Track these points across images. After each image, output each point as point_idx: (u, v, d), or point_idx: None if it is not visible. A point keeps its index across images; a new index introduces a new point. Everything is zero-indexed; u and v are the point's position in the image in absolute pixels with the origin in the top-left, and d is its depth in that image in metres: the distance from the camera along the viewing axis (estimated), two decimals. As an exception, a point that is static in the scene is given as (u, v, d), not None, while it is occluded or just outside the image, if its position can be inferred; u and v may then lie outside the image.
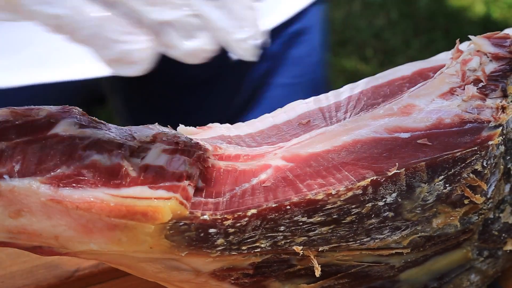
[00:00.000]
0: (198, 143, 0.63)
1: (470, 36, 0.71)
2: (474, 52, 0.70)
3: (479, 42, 0.70)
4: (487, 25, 2.81)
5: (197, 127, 0.70)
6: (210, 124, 0.71)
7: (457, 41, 0.73)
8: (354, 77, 2.68)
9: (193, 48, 0.55)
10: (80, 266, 0.79)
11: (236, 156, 0.64)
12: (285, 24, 1.15)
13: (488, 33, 0.71)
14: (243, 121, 0.72)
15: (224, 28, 0.55)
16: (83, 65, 1.00)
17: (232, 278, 0.65)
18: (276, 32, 1.15)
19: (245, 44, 0.56)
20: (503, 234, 0.73)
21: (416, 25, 2.90)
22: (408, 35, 2.85)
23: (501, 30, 0.74)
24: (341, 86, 0.76)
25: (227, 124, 0.71)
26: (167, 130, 0.63)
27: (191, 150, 0.61)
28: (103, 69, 0.91)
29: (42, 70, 1.00)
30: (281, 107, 0.73)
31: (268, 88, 1.18)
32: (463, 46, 0.74)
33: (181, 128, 0.68)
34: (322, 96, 0.76)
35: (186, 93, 1.16)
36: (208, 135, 0.69)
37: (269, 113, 0.72)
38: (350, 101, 0.74)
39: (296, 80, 1.20)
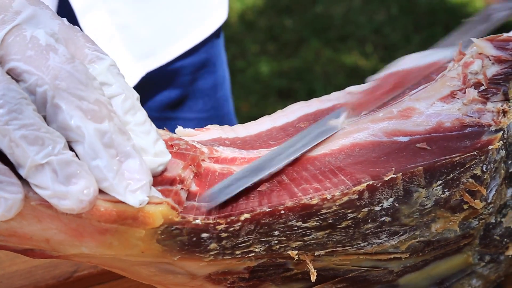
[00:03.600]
0: (193, 145, 0.62)
1: (472, 39, 0.70)
2: (476, 55, 0.69)
3: (482, 45, 0.69)
4: (487, 20, 2.79)
5: (195, 128, 0.70)
6: (208, 126, 0.70)
7: (460, 43, 0.72)
8: (354, 73, 2.68)
9: (65, 192, 0.52)
10: (79, 267, 0.79)
11: (232, 159, 0.64)
12: (188, 53, 1.15)
13: (490, 36, 0.70)
14: None
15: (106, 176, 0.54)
16: None
17: (228, 281, 0.64)
18: (181, 60, 1.16)
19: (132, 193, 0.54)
20: (505, 239, 0.72)
21: (416, 21, 2.89)
22: (409, 30, 2.84)
23: (502, 25, 0.73)
24: (341, 82, 0.76)
25: (226, 126, 0.71)
26: (163, 132, 0.63)
27: (186, 153, 0.60)
28: None
29: None
30: None
31: (171, 122, 1.19)
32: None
33: (179, 130, 0.68)
34: (324, 97, 0.75)
35: None
36: (206, 137, 0.68)
37: None
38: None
39: (201, 114, 1.20)
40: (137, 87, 1.06)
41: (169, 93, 1.17)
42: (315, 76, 2.75)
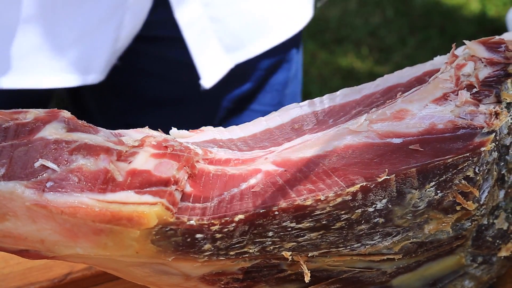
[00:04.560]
0: (188, 147, 0.63)
1: (465, 41, 0.71)
2: (469, 57, 0.69)
3: (474, 47, 0.69)
4: (482, 22, 2.79)
5: (189, 130, 0.70)
6: (203, 128, 0.71)
7: (453, 45, 0.73)
8: (350, 75, 2.68)
9: None
10: (73, 269, 0.79)
11: (227, 160, 0.64)
12: (270, 52, 1.18)
13: (483, 38, 0.70)
14: None
15: None
16: (42, 75, 1.00)
17: (222, 282, 0.65)
18: (262, 58, 1.18)
19: None
20: (498, 241, 0.73)
21: (411, 23, 2.89)
22: (404, 33, 2.83)
23: (497, 28, 0.74)
24: (337, 84, 0.76)
25: (220, 127, 0.71)
26: (157, 133, 0.63)
27: (180, 154, 0.61)
28: (62, 80, 0.92)
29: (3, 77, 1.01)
30: None
31: (242, 113, 1.22)
32: (459, 50, 0.73)
33: (174, 131, 0.68)
34: (317, 99, 0.75)
35: (152, 111, 1.18)
36: (201, 138, 0.69)
37: None
38: (344, 106, 0.73)
39: (270, 108, 1.22)
40: (222, 79, 1.11)
41: (243, 86, 1.20)
42: (311, 78, 2.75)
